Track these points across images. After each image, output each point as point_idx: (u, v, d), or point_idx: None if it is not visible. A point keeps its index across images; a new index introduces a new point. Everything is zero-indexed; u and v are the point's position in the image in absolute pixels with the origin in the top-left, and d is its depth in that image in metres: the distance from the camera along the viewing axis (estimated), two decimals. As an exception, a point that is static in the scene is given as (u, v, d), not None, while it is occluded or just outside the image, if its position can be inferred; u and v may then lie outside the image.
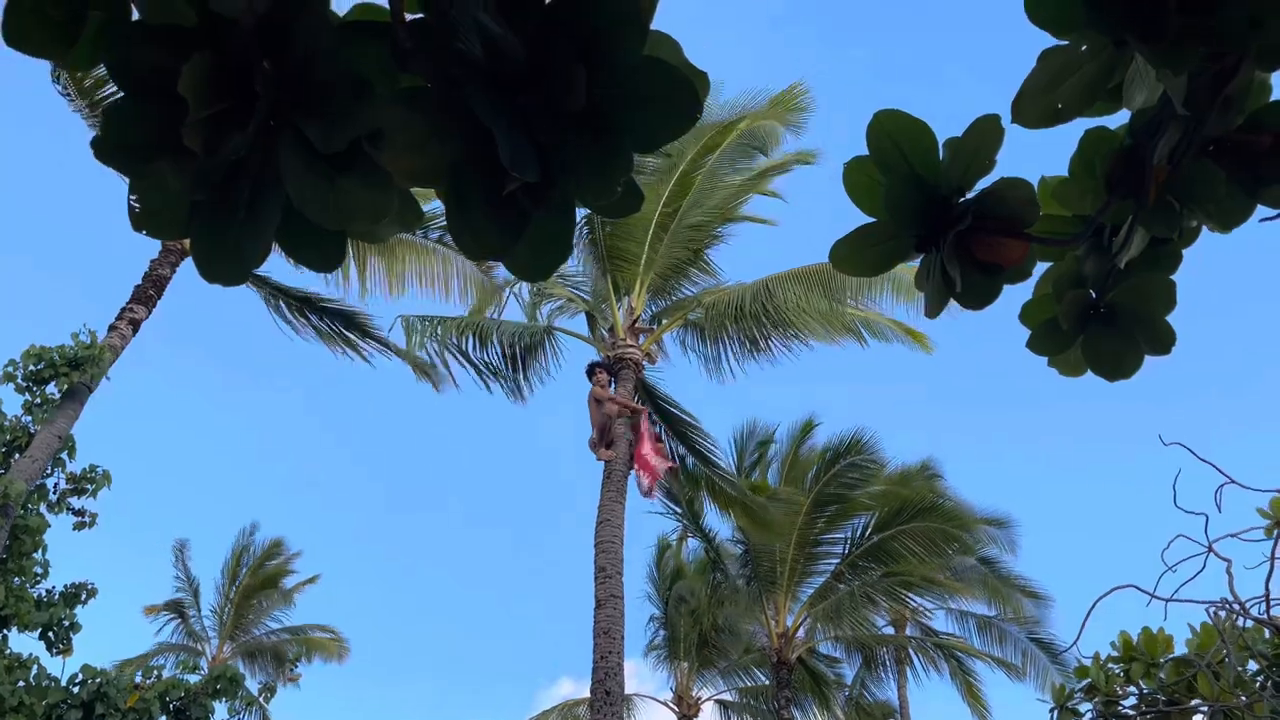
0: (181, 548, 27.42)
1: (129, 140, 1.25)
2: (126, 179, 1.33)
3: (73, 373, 12.90)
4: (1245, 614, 4.26)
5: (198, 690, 11.70)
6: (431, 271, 16.59)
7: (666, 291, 16.04)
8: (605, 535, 12.89)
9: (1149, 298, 1.84)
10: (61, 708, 10.67)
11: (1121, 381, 1.86)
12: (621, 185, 1.26)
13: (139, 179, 1.30)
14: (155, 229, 1.37)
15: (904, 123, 1.59)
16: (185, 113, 1.18)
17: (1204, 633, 4.49)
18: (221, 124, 1.20)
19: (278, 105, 1.22)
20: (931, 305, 1.69)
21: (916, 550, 20.17)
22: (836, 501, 20.57)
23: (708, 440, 16.11)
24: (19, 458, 12.48)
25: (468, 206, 1.28)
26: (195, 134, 1.18)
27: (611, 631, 12.03)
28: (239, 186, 1.27)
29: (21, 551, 12.41)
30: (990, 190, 1.64)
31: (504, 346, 15.63)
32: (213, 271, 1.31)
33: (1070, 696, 4.86)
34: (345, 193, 1.24)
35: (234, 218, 1.28)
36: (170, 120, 1.22)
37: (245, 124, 1.19)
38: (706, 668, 26.13)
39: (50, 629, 11.95)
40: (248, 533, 27.88)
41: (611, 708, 11.51)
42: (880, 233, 1.66)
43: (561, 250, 1.32)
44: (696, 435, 16.03)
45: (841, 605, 20.90)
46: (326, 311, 16.55)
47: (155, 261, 14.65)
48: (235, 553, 27.63)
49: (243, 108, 1.20)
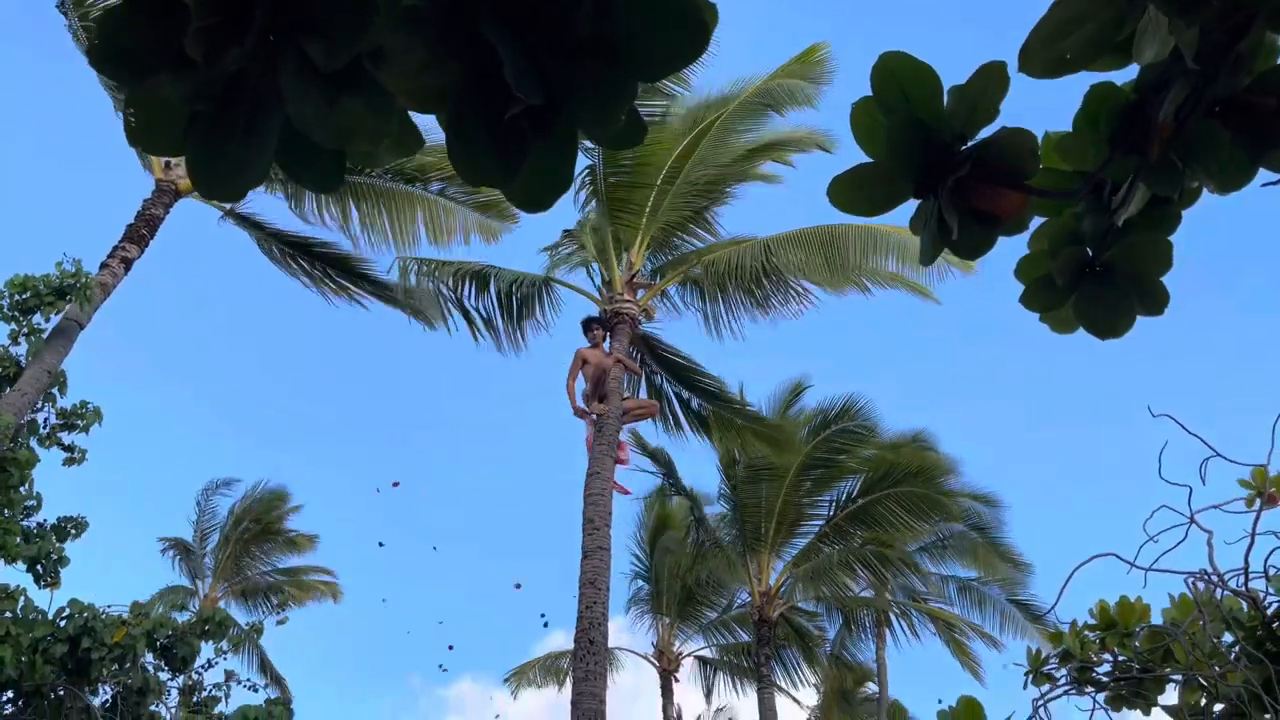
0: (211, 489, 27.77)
1: (126, 48, 1.23)
2: (122, 89, 1.32)
3: (59, 301, 12.80)
4: (1223, 585, 4.30)
5: (185, 629, 11.78)
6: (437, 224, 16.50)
7: (667, 247, 16.00)
8: (594, 488, 12.98)
9: (1146, 258, 1.84)
10: (48, 640, 10.72)
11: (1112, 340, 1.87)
12: (625, 115, 1.24)
13: (136, 90, 1.29)
14: (151, 143, 1.35)
15: (909, 65, 1.57)
16: (184, 22, 1.17)
17: (1181, 603, 4.54)
18: (222, 35, 1.19)
19: (279, 20, 1.20)
20: (927, 252, 1.69)
21: (902, 516, 20.34)
22: (824, 466, 20.70)
23: (711, 379, 16.18)
24: (9, 391, 12.47)
25: (469, 132, 1.26)
26: (198, 43, 1.17)
27: (597, 582, 12.14)
28: (239, 102, 1.25)
29: (9, 485, 12.42)
30: (992, 139, 1.63)
31: (501, 294, 15.61)
32: (210, 186, 1.30)
33: (1045, 662, 4.91)
34: (345, 112, 1.23)
35: (233, 133, 1.26)
36: (169, 30, 1.20)
37: (245, 37, 1.18)
38: (688, 623, 26.43)
39: (39, 562, 11.99)
40: (261, 485, 28.19)
41: (595, 657, 11.63)
42: (879, 173, 1.65)
43: (561, 180, 1.31)
44: (700, 376, 16.12)
45: (824, 566, 21.10)
46: (320, 257, 16.43)
47: (148, 201, 14.55)
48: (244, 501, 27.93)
49: (243, 20, 1.19)
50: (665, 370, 16.18)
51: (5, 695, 10.91)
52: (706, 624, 26.30)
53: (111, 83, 14.63)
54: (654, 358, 16.11)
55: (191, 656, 12.02)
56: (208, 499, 27.83)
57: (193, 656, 12.05)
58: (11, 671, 10.23)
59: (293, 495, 28.57)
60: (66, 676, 10.94)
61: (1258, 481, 4.18)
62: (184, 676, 12.32)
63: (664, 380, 16.32)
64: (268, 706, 12.01)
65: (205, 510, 27.81)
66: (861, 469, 20.77)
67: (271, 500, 28.14)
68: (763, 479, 20.58)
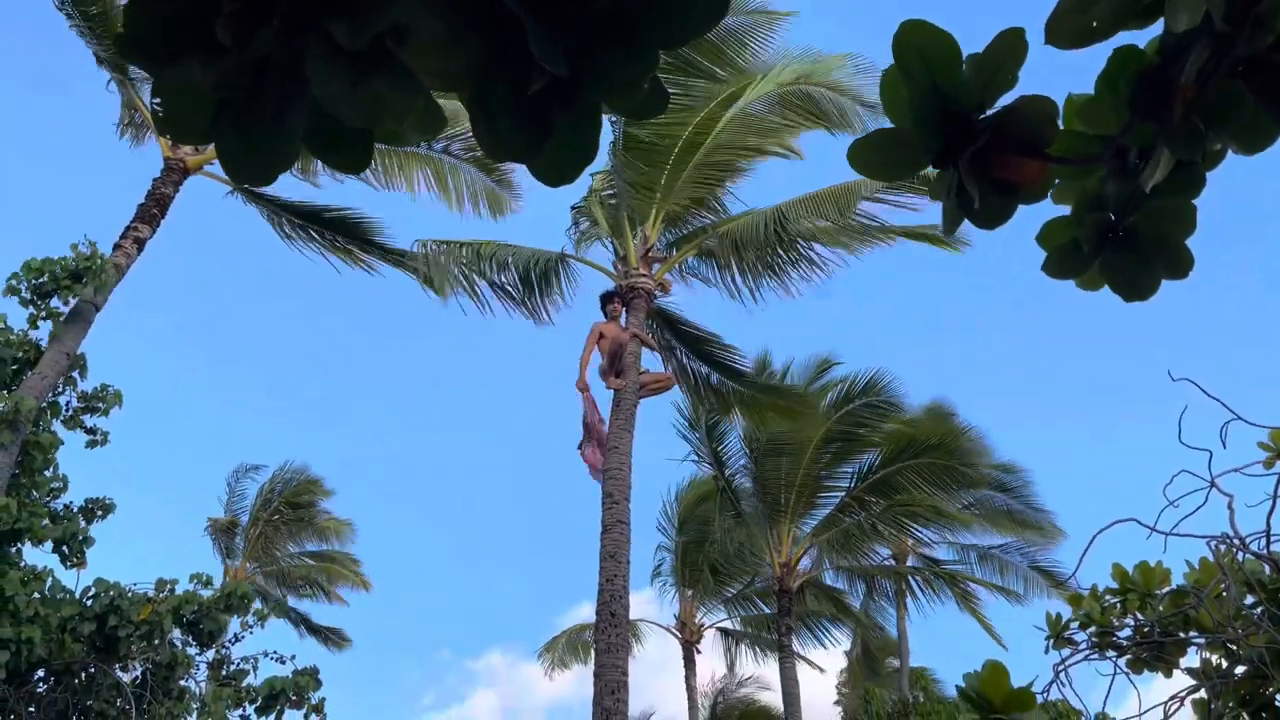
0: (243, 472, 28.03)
1: (155, 36, 1.24)
2: (150, 79, 1.33)
3: (75, 285, 12.90)
4: (1245, 549, 4.30)
5: (210, 605, 11.93)
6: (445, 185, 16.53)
7: (682, 221, 15.93)
8: (613, 462, 13.03)
9: (1169, 222, 1.83)
10: (75, 620, 10.87)
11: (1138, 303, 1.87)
12: (647, 84, 1.25)
13: (163, 78, 1.30)
14: (180, 132, 1.36)
15: (928, 33, 1.57)
16: (211, 8, 1.18)
17: (1203, 567, 4.54)
18: (249, 19, 1.20)
19: (302, 1, 1.21)
20: (948, 222, 1.69)
21: (922, 487, 20.35)
22: (845, 439, 20.67)
23: (731, 352, 16.10)
24: (30, 374, 12.58)
25: (493, 108, 1.27)
26: (229, 27, 1.18)
27: (618, 555, 12.22)
28: (266, 86, 1.27)
29: (33, 468, 12.58)
30: (1011, 107, 1.62)
31: (519, 271, 15.64)
32: (241, 172, 1.31)
33: (1066, 626, 4.93)
34: (371, 92, 1.24)
35: (262, 118, 1.28)
36: (195, 17, 1.21)
37: (271, 19, 1.19)
38: (710, 596, 26.60)
39: (65, 543, 12.15)
40: (289, 467, 28.52)
41: (617, 629, 11.73)
42: (899, 140, 1.65)
43: (587, 152, 1.31)
44: (719, 350, 16.04)
45: (846, 536, 21.17)
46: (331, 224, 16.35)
47: (158, 180, 14.58)
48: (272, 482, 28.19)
49: (270, 4, 1.20)
50: (684, 344, 16.14)
51: (37, 674, 11.09)
52: (730, 597, 26.48)
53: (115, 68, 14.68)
54: (673, 332, 16.10)
55: (218, 631, 12.18)
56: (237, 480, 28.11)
57: (220, 631, 12.21)
58: (41, 651, 10.39)
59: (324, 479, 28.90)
60: (96, 654, 11.10)
61: (1277, 443, 4.17)
62: (212, 651, 12.50)
63: (684, 354, 16.29)
64: (295, 677, 12.18)
65: (235, 492, 28.11)
66: (883, 441, 20.73)
67: (302, 484, 28.34)
68: (784, 452, 20.58)
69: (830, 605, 24.31)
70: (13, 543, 11.34)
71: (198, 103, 1.30)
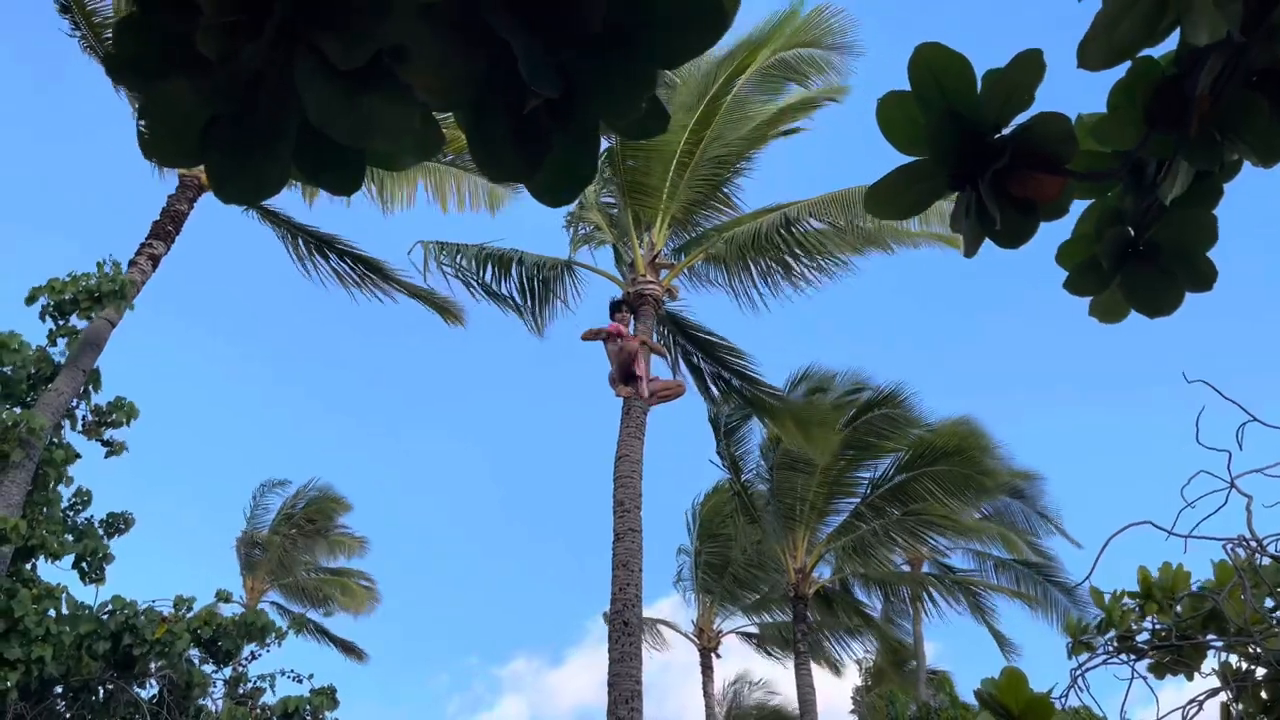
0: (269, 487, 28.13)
1: (142, 55, 1.22)
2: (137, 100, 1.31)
3: (94, 305, 12.94)
4: (1263, 551, 4.26)
5: (228, 625, 11.90)
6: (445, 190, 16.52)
7: (689, 225, 15.89)
8: (624, 470, 13.01)
9: (1190, 234, 1.81)
10: (92, 638, 10.84)
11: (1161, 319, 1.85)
12: (645, 104, 1.22)
13: (151, 97, 1.26)
14: (166, 154, 1.33)
15: (944, 56, 1.55)
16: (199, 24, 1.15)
17: (1219, 570, 4.51)
18: (237, 34, 1.17)
19: (295, 17, 1.18)
20: (969, 243, 1.67)
21: (939, 495, 20.22)
22: (862, 447, 20.54)
23: (746, 359, 15.94)
24: (47, 390, 12.61)
25: (489, 128, 1.24)
26: (211, 39, 1.15)
27: (630, 564, 12.19)
28: (256, 104, 1.24)
29: (48, 485, 12.59)
30: (1028, 125, 1.61)
31: (522, 279, 15.58)
32: (230, 192, 1.28)
33: (1085, 630, 4.89)
34: (365, 110, 1.21)
35: (251, 137, 1.25)
36: (184, 35, 1.19)
37: (260, 34, 1.17)
38: (730, 602, 26.55)
39: (84, 559, 12.15)
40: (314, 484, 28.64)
41: (629, 638, 11.70)
42: (920, 172, 1.63)
43: (584, 173, 1.28)
44: (733, 356, 15.88)
45: (861, 543, 21.10)
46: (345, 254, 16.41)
47: (173, 197, 14.62)
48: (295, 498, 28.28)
49: (259, 20, 1.17)
50: (699, 350, 16.01)
51: (55, 691, 11.09)
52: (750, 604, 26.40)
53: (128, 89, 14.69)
54: (685, 337, 16.00)
55: (236, 650, 12.17)
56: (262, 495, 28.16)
57: (237, 650, 12.20)
58: (54, 669, 10.37)
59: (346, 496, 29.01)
60: (113, 671, 11.10)
61: (1300, 447, 4.12)
62: (229, 668, 12.50)
63: (699, 359, 16.16)
64: (311, 696, 12.17)
65: (260, 505, 28.16)
66: (900, 448, 20.59)
67: (324, 501, 28.38)
68: (799, 460, 20.42)
69: (847, 611, 24.19)
70: (27, 560, 11.35)
71: (185, 124, 1.26)
